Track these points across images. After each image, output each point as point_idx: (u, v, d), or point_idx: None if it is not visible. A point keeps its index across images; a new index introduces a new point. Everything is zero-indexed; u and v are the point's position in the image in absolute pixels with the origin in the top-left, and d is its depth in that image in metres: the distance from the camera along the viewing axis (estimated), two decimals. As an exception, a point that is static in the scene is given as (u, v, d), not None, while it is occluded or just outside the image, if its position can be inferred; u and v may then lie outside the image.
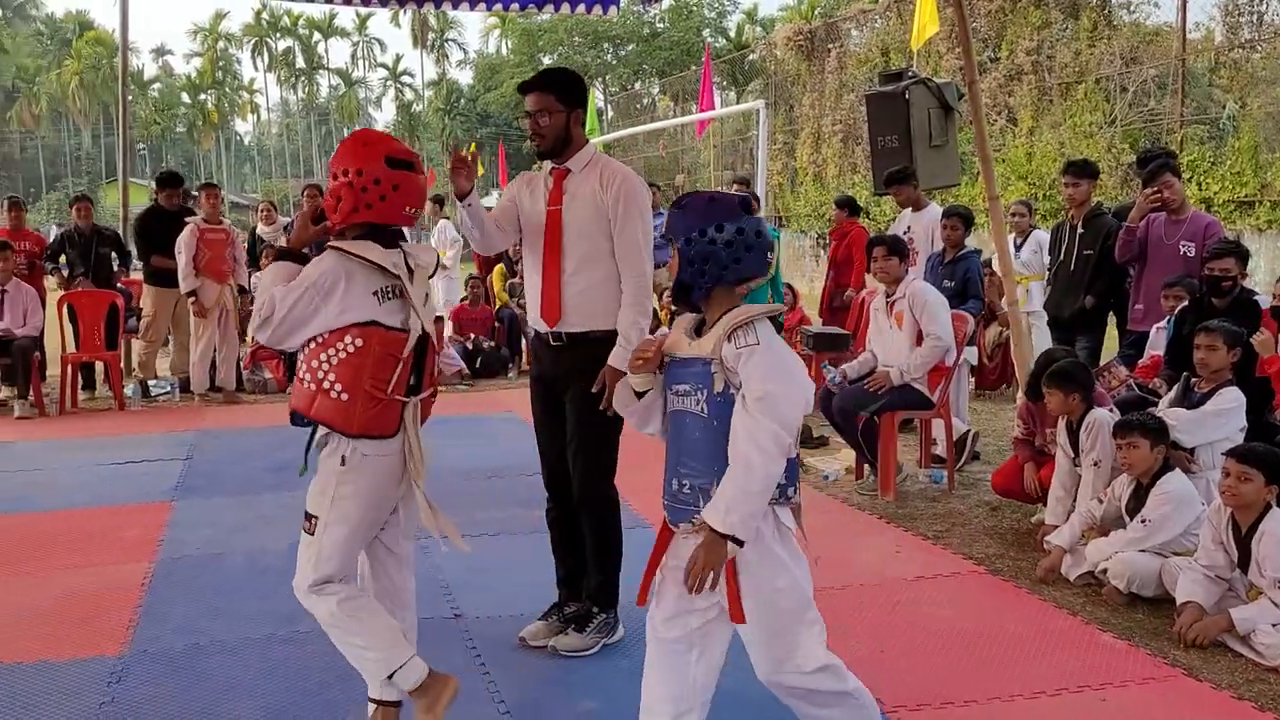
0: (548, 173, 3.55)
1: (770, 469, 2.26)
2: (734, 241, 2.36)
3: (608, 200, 3.42)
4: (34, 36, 68.39)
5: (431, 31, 62.92)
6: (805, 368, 2.47)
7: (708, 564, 2.30)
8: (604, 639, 3.60)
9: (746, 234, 2.37)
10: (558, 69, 3.66)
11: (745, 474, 2.25)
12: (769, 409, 2.25)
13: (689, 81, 27.73)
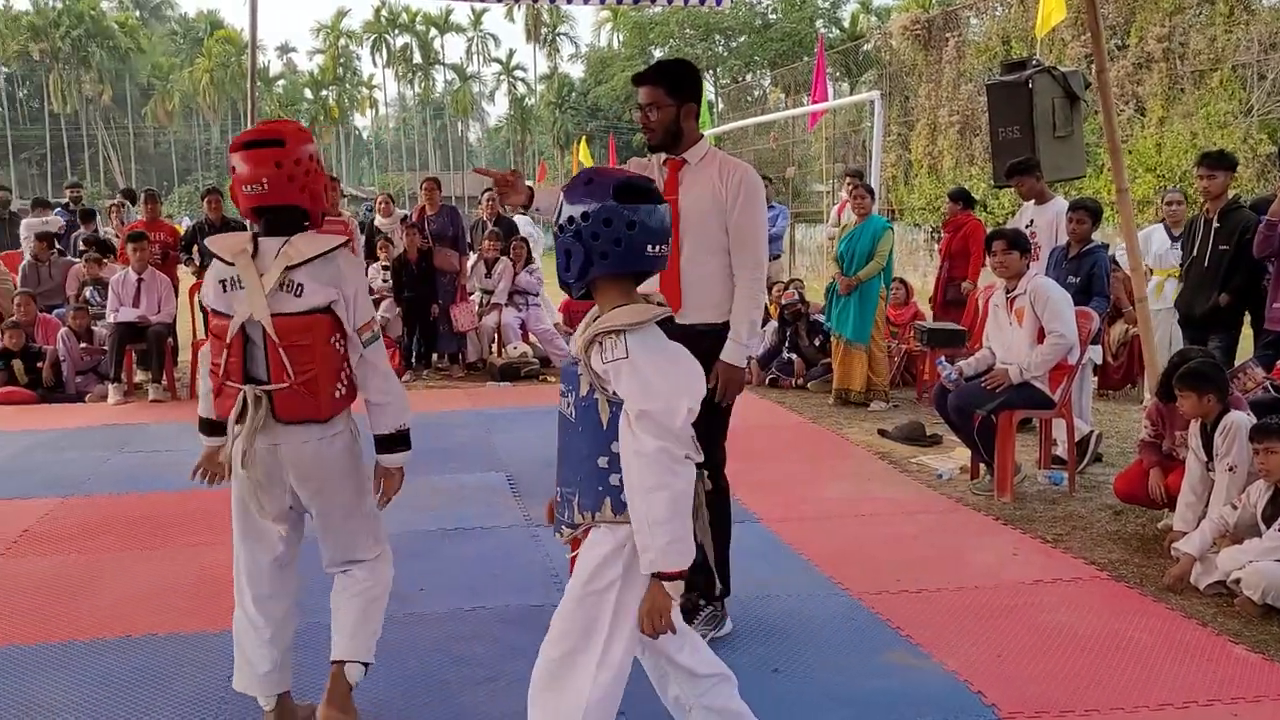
0: (661, 163, 3.55)
1: (673, 488, 2.09)
2: (599, 233, 2.12)
3: (727, 194, 3.40)
4: (168, 36, 71.51)
5: (544, 26, 63.59)
6: (685, 364, 2.18)
7: (651, 609, 2.18)
8: (712, 632, 3.59)
9: (615, 225, 2.12)
10: (671, 61, 3.63)
11: (645, 506, 2.10)
12: (650, 427, 2.09)
13: (800, 73, 27.44)
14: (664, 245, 2.19)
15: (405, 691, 3.26)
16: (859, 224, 7.89)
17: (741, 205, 3.41)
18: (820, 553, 4.54)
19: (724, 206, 3.41)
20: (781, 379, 8.82)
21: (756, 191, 3.45)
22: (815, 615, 3.85)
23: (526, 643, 3.53)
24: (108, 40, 61.70)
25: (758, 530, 4.88)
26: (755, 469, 6.01)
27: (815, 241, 21.56)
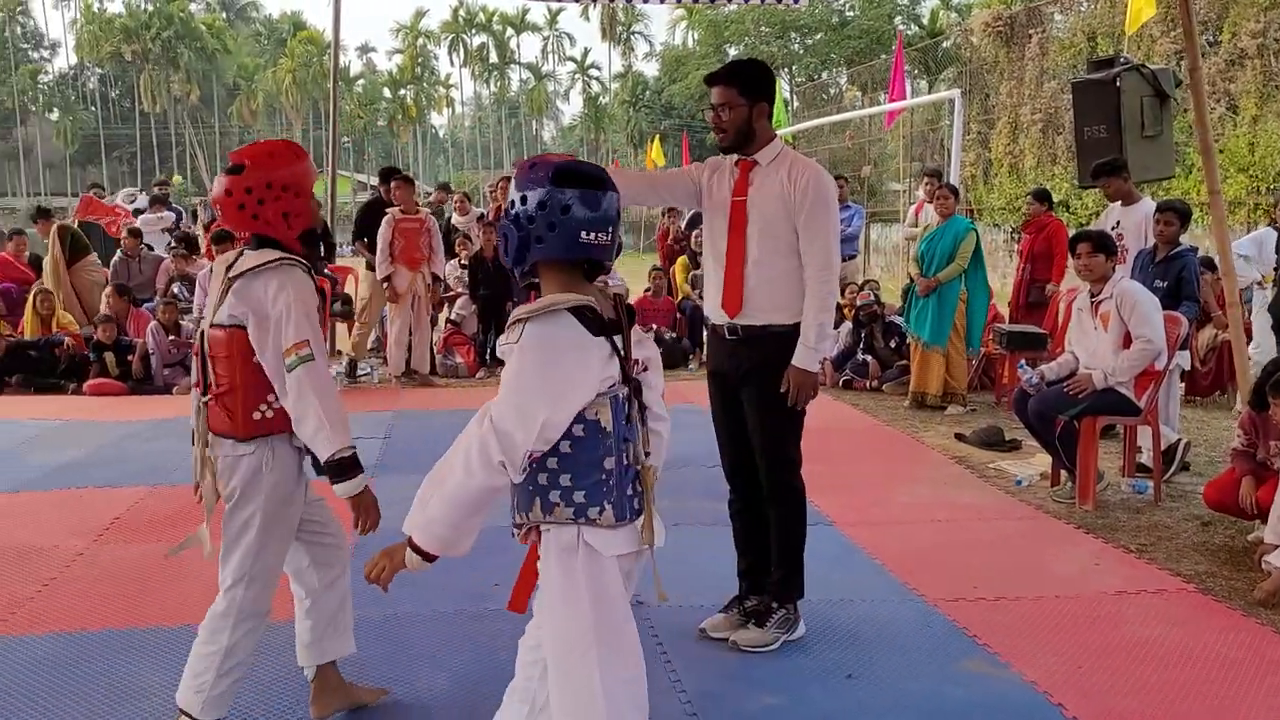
0: (733, 163, 3.53)
1: (467, 482, 2.05)
2: (535, 216, 2.07)
3: (795, 194, 3.36)
4: (253, 37, 73.26)
5: (619, 25, 63.80)
6: (568, 369, 2.07)
7: (380, 559, 2.19)
8: (785, 635, 3.57)
9: (550, 209, 2.06)
10: (744, 61, 3.60)
11: (438, 473, 2.10)
12: (491, 417, 2.05)
13: (878, 70, 27.13)
14: (602, 234, 2.10)
15: (477, 685, 3.29)
16: (940, 224, 7.77)
17: (810, 207, 3.36)
18: (895, 558, 4.49)
19: (792, 208, 3.37)
20: (856, 381, 8.73)
21: (826, 193, 3.40)
22: (890, 621, 3.81)
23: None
24: (196, 41, 63.44)
25: (831, 534, 4.84)
26: (829, 472, 5.95)
27: (891, 241, 21.30)
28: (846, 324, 9.15)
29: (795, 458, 3.59)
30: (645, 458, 2.19)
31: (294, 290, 2.64)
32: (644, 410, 2.20)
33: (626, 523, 2.15)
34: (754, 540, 3.73)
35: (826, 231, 3.39)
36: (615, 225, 2.15)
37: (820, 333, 3.40)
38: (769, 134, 3.48)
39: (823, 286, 3.39)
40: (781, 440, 3.55)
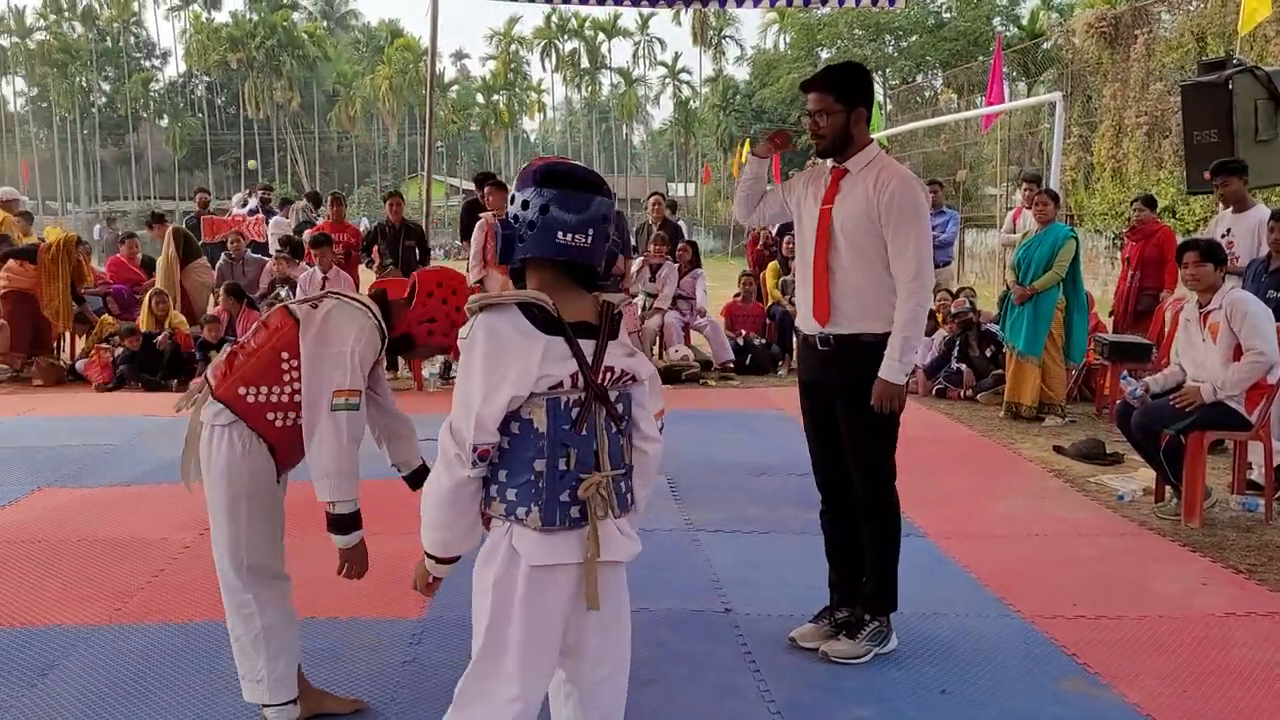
0: (828, 170, 3.50)
1: (438, 482, 2.09)
2: (519, 216, 2.10)
3: (880, 203, 3.31)
4: (352, 45, 75.09)
5: (710, 29, 63.72)
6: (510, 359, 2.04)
7: (414, 570, 2.28)
8: (876, 648, 3.52)
9: (531, 208, 2.08)
10: (841, 66, 3.54)
11: (425, 485, 2.14)
12: (450, 416, 2.08)
13: (974, 73, 26.60)
14: (581, 236, 2.08)
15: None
16: (1039, 231, 7.59)
17: (896, 217, 3.30)
18: (990, 572, 4.39)
19: (877, 217, 3.32)
20: (950, 390, 8.57)
21: (912, 200, 3.31)
22: (985, 636, 3.73)
23: (688, 647, 3.59)
24: (297, 49, 65.32)
25: (924, 546, 4.76)
26: (921, 483, 5.86)
27: (986, 247, 20.88)
28: (941, 332, 9.00)
29: (889, 470, 3.55)
30: (603, 469, 2.11)
31: (368, 343, 2.76)
32: (621, 422, 2.16)
33: (557, 529, 2.08)
34: (845, 551, 3.69)
35: (915, 241, 3.31)
36: (599, 228, 2.11)
37: (905, 346, 3.31)
38: (865, 139, 3.44)
39: (912, 299, 3.31)
40: (875, 453, 3.51)
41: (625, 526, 2.19)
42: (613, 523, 2.15)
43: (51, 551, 4.64)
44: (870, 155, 3.42)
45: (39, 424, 7.52)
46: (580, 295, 2.15)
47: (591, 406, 2.09)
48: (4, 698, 3.22)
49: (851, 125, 3.38)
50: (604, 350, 2.11)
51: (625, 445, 2.18)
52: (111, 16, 68.61)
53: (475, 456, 2.05)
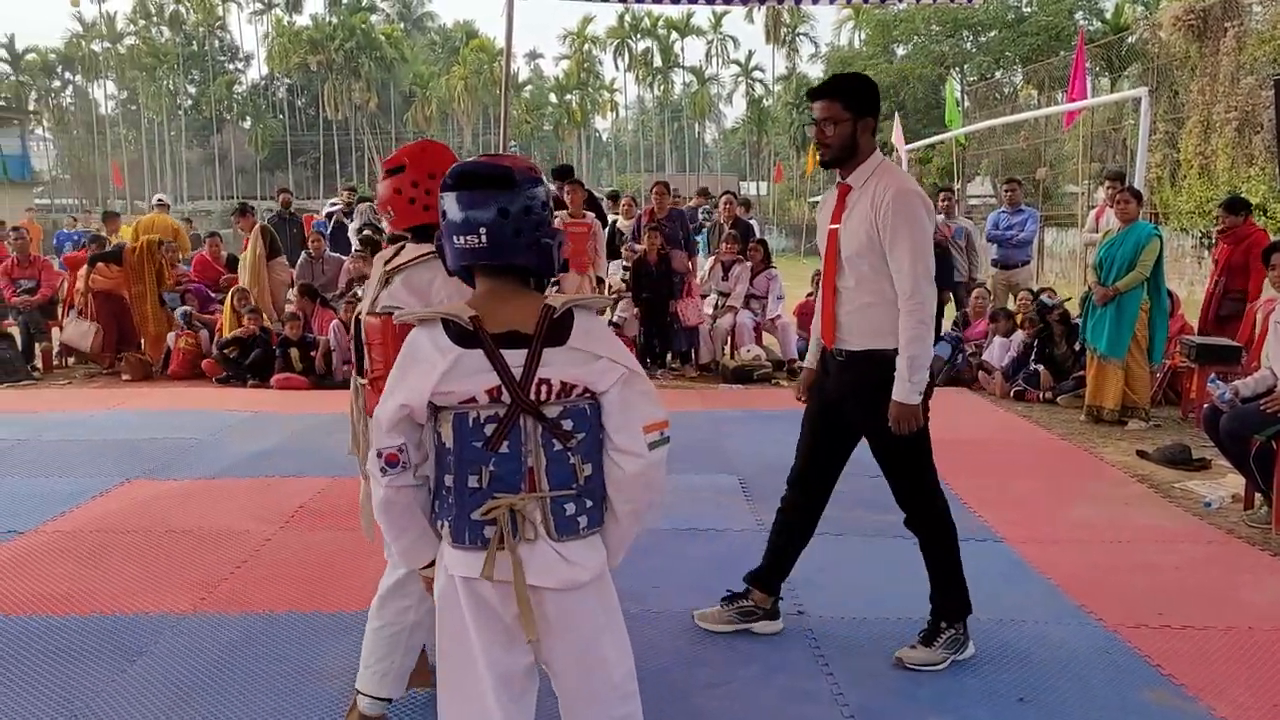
0: (835, 188, 3.45)
1: (374, 497, 2.09)
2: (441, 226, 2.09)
3: (877, 216, 3.23)
4: (428, 46, 76.16)
5: (784, 26, 63.31)
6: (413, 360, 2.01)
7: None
8: (953, 655, 3.47)
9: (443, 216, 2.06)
10: (850, 75, 3.46)
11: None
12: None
13: (1055, 68, 26.01)
14: (469, 236, 1.99)
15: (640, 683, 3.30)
16: (1122, 230, 7.39)
17: (890, 231, 3.20)
18: (1070, 578, 4.30)
19: (876, 232, 3.24)
20: (1028, 392, 8.39)
21: (906, 212, 3.19)
22: (1064, 645, 3.65)
23: (758, 649, 3.57)
24: (375, 51, 66.43)
25: (1001, 551, 4.68)
26: (999, 486, 5.77)
27: (1066, 247, 20.42)
28: (1019, 333, 8.82)
29: (927, 480, 3.50)
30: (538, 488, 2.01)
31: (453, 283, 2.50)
32: (569, 439, 2.01)
33: (466, 548, 2.02)
34: (784, 538, 3.77)
35: (911, 255, 3.19)
36: (484, 228, 1.98)
37: (913, 365, 3.22)
38: (870, 150, 3.34)
39: (911, 316, 3.21)
40: (906, 464, 3.48)
41: (572, 551, 2.04)
42: (550, 546, 2.02)
43: (139, 541, 4.78)
44: (872, 167, 3.32)
45: (127, 418, 7.76)
46: (524, 301, 2.03)
47: (518, 421, 1.98)
48: (97, 682, 3.33)
49: (859, 135, 3.30)
50: (536, 360, 1.98)
51: (577, 463, 2.02)
52: (197, 21, 70.50)
53: (383, 463, 2.01)
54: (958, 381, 9.04)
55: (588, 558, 2.07)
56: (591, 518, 2.06)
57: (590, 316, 2.06)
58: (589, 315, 2.05)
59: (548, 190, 2.09)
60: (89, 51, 67.26)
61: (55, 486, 5.74)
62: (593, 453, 2.05)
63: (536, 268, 2.06)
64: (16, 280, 10.46)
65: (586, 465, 2.03)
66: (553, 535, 2.02)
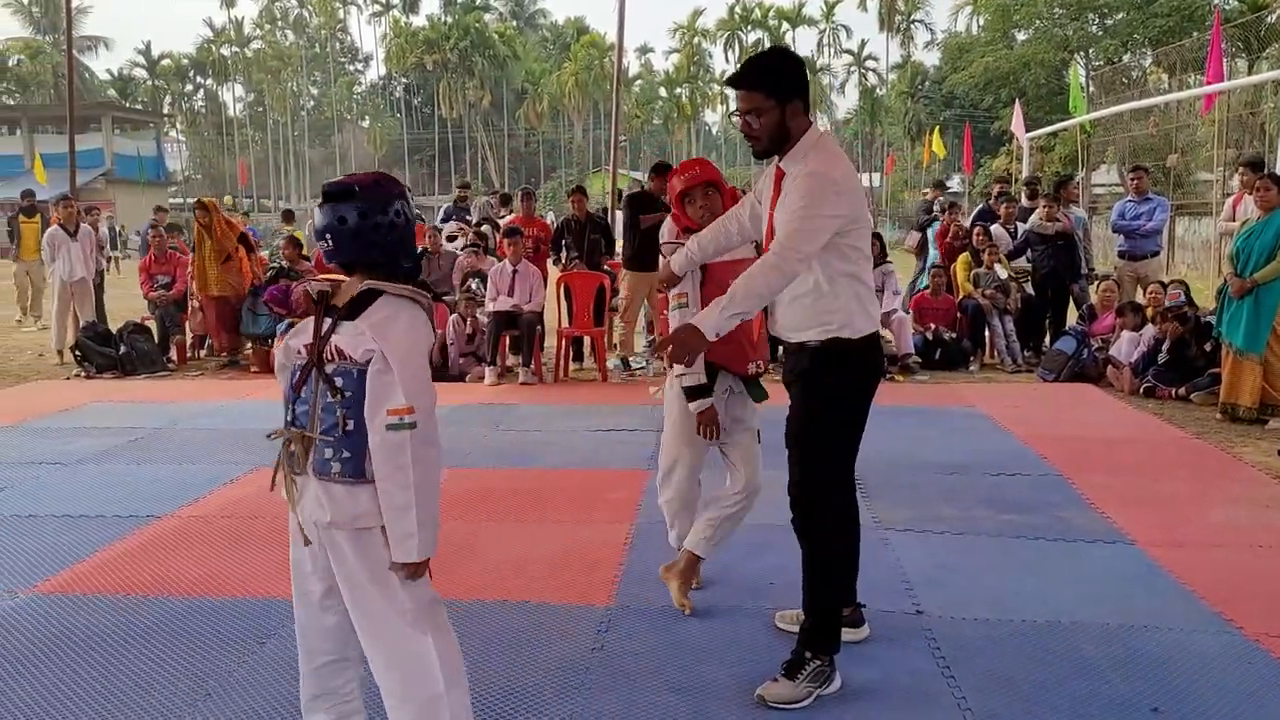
0: (772, 171, 3.20)
1: None
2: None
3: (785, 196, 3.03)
4: (540, 43, 77.08)
5: (898, 14, 62.10)
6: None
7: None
8: (818, 689, 3.15)
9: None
10: (767, 54, 3.19)
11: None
12: None
13: (1188, 51, 24.89)
14: (323, 242, 2.42)
15: (752, 686, 3.27)
16: (1261, 219, 7.02)
17: (788, 204, 2.97)
18: (1208, 584, 4.09)
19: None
20: (1159, 389, 8.05)
21: (806, 184, 2.96)
22: (1202, 654, 3.47)
23: (877, 651, 3.50)
24: (489, 49, 67.55)
25: (1132, 554, 4.49)
26: (1129, 486, 5.54)
27: (1200, 237, 19.51)
28: (1149, 327, 8.47)
29: (826, 476, 3.17)
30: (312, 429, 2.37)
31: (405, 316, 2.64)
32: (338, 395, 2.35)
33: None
34: None
35: (794, 213, 2.93)
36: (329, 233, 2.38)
37: (733, 299, 2.89)
38: (802, 129, 3.08)
39: (767, 259, 2.93)
40: (809, 454, 3.17)
41: (332, 492, 2.36)
42: (315, 483, 2.38)
43: (269, 527, 4.95)
44: (805, 148, 3.07)
45: (255, 407, 8.06)
46: (354, 285, 2.41)
47: (310, 374, 2.39)
48: (229, 663, 3.46)
49: (788, 120, 3.06)
50: (323, 329, 2.38)
51: (343, 416, 2.34)
52: (320, 24, 72.82)
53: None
54: (1084, 377, 8.73)
55: (343, 505, 2.36)
56: (345, 466, 2.35)
57: (393, 302, 2.36)
58: (393, 302, 2.36)
59: (400, 200, 2.42)
60: (219, 56, 70.04)
61: (189, 474, 5.99)
62: (356, 410, 2.34)
63: (378, 263, 2.41)
64: (154, 276, 10.98)
65: (350, 421, 2.34)
66: (315, 473, 2.38)
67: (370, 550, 2.38)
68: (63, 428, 7.35)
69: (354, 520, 2.35)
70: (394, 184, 2.45)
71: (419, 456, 2.28)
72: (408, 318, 2.35)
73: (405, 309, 2.36)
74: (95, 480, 5.88)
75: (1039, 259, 10.01)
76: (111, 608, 3.95)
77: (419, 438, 2.28)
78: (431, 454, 2.31)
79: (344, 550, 2.39)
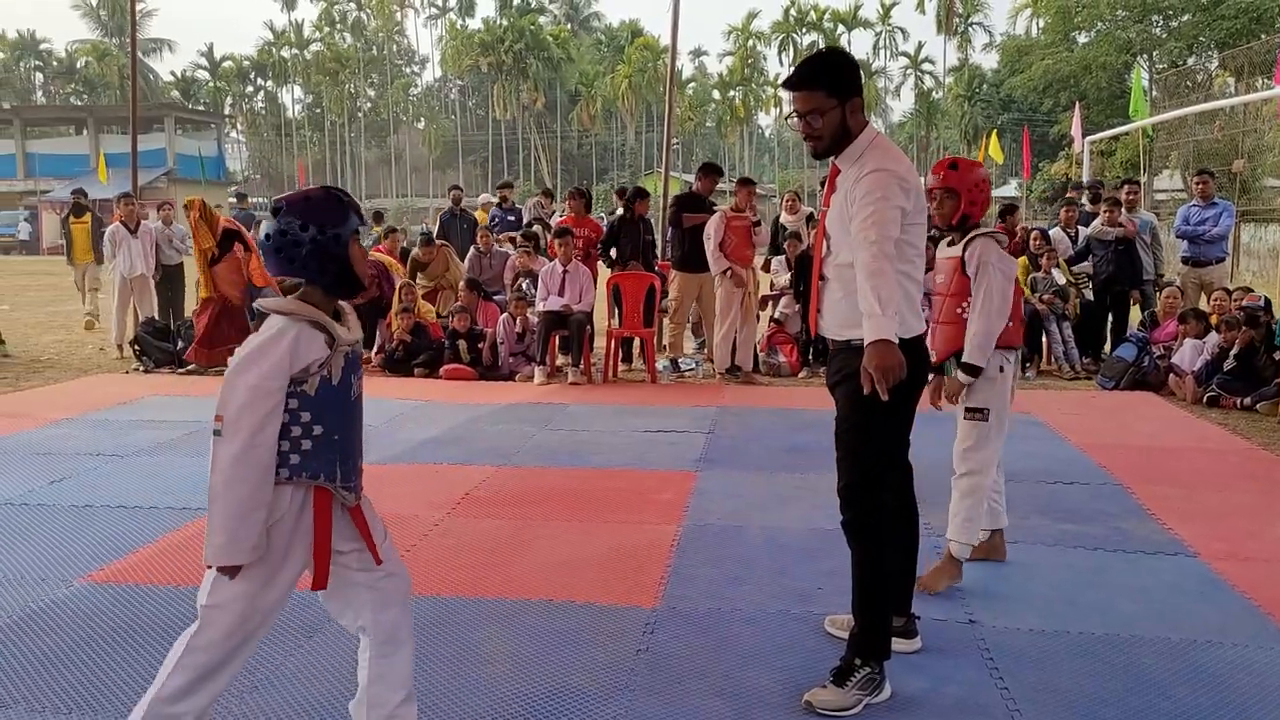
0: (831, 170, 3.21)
1: None
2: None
3: (847, 199, 3.01)
4: (594, 45, 77.36)
5: (956, 16, 61.43)
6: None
7: None
8: (867, 697, 3.09)
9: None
10: (824, 55, 3.18)
11: None
12: None
13: (1256, 54, 24.28)
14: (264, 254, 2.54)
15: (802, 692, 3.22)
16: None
17: (859, 203, 2.95)
18: (1272, 599, 3.96)
19: (848, 211, 3.00)
20: (1223, 398, 7.83)
21: (875, 185, 2.94)
22: (1270, 671, 3.35)
23: (928, 660, 3.44)
24: (543, 52, 67.96)
25: (1194, 567, 4.36)
26: (1192, 497, 5.40)
27: (1267, 244, 19.03)
28: (1213, 335, 8.26)
29: (875, 473, 3.10)
30: None
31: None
32: None
33: None
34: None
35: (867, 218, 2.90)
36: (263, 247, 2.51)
37: (879, 297, 2.84)
38: (861, 128, 3.08)
39: (867, 253, 2.88)
40: (856, 448, 3.11)
41: None
42: None
43: (317, 522, 4.98)
44: (861, 147, 3.07)
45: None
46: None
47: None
48: (278, 655, 3.47)
49: (848, 119, 3.05)
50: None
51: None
52: (377, 27, 73.74)
53: None
54: (1145, 385, 8.53)
55: None
56: None
57: (271, 322, 2.43)
58: (271, 321, 2.43)
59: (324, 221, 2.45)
60: (279, 58, 71.26)
61: (242, 467, 6.05)
62: None
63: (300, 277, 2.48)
64: (209, 272, 11.12)
65: None
66: None
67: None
68: (120, 420, 7.47)
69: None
70: (327, 202, 2.49)
71: (219, 464, 2.34)
72: (267, 335, 2.40)
73: (275, 326, 2.41)
74: (151, 472, 5.97)
75: (1098, 264, 9.83)
76: (163, 598, 3.99)
77: (222, 446, 2.35)
78: (239, 472, 2.34)
79: None
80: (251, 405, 2.34)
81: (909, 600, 3.48)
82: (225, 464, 2.34)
